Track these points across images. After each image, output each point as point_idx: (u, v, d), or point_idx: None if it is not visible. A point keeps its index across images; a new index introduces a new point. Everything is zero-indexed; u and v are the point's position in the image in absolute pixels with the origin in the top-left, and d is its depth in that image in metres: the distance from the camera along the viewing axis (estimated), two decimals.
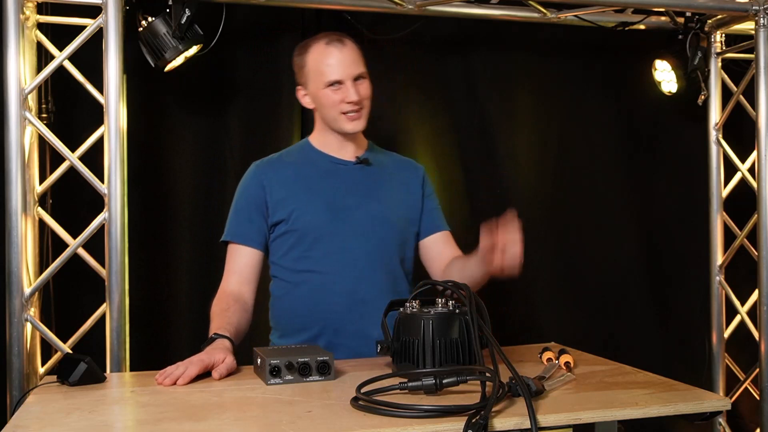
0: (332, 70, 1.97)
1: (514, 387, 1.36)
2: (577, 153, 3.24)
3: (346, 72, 1.96)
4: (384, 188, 2.09)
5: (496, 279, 3.34)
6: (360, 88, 1.98)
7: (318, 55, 2.00)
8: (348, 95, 1.96)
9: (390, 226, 2.06)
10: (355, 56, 2.00)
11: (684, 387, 1.50)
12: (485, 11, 2.90)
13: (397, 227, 2.07)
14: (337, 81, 1.97)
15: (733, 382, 3.20)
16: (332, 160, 2.07)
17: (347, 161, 2.07)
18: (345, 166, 2.07)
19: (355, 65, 1.98)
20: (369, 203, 2.04)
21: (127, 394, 1.57)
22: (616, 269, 3.27)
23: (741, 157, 3.18)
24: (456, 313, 1.57)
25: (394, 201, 2.09)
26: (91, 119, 2.48)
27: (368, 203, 2.04)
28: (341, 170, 2.06)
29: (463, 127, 3.11)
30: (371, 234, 2.02)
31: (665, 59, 3.09)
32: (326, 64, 1.97)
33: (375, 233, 2.02)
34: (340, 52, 1.97)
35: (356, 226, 2.01)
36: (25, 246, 2.38)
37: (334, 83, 1.97)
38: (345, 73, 1.96)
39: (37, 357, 2.48)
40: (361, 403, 1.34)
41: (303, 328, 2.00)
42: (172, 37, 2.48)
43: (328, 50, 1.98)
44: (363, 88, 1.99)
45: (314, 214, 2.00)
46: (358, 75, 1.98)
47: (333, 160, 2.07)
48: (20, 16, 2.37)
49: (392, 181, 2.12)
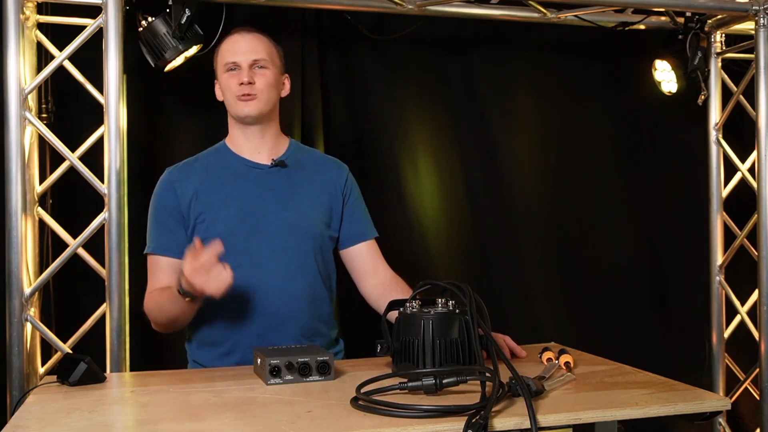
0: (230, 54, 1.97)
1: (514, 387, 1.36)
2: (577, 153, 3.24)
3: (243, 57, 1.95)
4: (302, 193, 2.00)
5: (496, 279, 3.31)
6: (257, 74, 1.95)
7: (225, 43, 2.01)
8: (240, 77, 1.94)
9: (306, 234, 1.97)
10: (256, 44, 1.97)
11: (684, 387, 1.50)
12: (485, 11, 2.90)
13: (313, 234, 1.98)
14: (234, 63, 1.95)
15: (733, 382, 3.20)
16: (246, 163, 2.00)
17: (262, 164, 1.99)
18: (260, 170, 1.99)
19: (253, 51, 1.96)
20: (284, 210, 1.96)
21: (127, 394, 1.56)
22: (616, 269, 3.27)
23: (741, 157, 3.18)
24: (456, 313, 1.57)
25: (312, 206, 2.00)
26: (91, 119, 2.48)
27: (283, 210, 1.96)
28: (255, 174, 1.98)
29: (463, 127, 3.11)
30: (286, 244, 1.94)
31: (665, 59, 3.09)
32: (227, 49, 1.98)
33: (290, 241, 1.94)
34: (242, 38, 1.98)
35: (270, 235, 1.93)
36: (25, 246, 2.38)
37: (232, 67, 1.96)
38: (241, 58, 1.95)
39: (37, 357, 2.48)
40: (361, 403, 1.34)
41: (216, 343, 1.94)
42: (172, 37, 2.48)
43: (233, 38, 1.99)
44: (260, 75, 1.95)
45: (225, 225, 1.92)
46: (256, 60, 1.95)
47: (247, 163, 2.00)
48: (20, 16, 2.37)
49: (311, 184, 2.03)
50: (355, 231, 2.07)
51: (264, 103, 1.96)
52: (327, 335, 2.04)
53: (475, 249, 3.10)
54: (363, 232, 2.08)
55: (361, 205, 2.11)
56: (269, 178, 1.99)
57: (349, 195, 2.08)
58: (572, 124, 3.23)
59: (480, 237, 3.11)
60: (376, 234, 2.11)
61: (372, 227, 2.11)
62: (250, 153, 2.01)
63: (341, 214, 2.06)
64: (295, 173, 2.02)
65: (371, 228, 2.10)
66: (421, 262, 3.02)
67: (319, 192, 2.03)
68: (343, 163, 2.13)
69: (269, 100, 1.98)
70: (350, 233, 2.07)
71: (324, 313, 2.02)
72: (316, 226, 2.00)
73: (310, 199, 2.01)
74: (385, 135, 3.02)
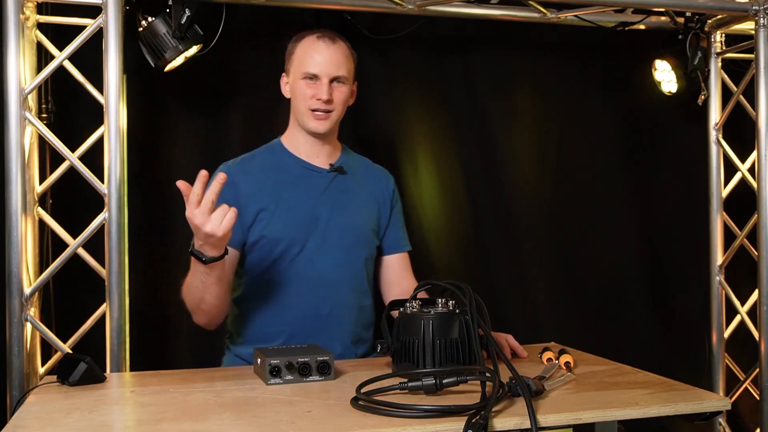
0: (312, 63, 1.94)
1: (514, 387, 1.36)
2: (577, 153, 3.24)
3: (325, 69, 1.93)
4: (356, 198, 2.03)
5: (496, 279, 3.31)
6: (335, 90, 1.94)
7: (306, 46, 1.97)
8: (319, 92, 1.92)
9: (359, 238, 2.01)
10: (340, 58, 1.95)
11: (684, 387, 1.50)
12: (485, 11, 2.90)
13: (365, 240, 2.02)
14: (314, 75, 1.94)
15: (733, 382, 3.20)
16: (305, 165, 2.01)
17: (321, 168, 2.02)
18: (318, 174, 2.01)
19: (337, 66, 1.94)
20: (340, 214, 1.98)
21: (127, 394, 1.57)
22: (615, 269, 3.27)
23: (741, 157, 3.18)
24: (456, 313, 1.57)
25: (364, 212, 2.04)
26: (91, 119, 2.48)
27: (339, 214, 1.98)
28: (314, 177, 2.01)
29: (463, 127, 3.11)
30: (339, 246, 1.97)
31: (665, 59, 3.09)
32: (309, 56, 1.95)
33: (343, 245, 1.97)
34: (327, 49, 1.95)
35: (325, 237, 1.96)
36: (25, 246, 2.38)
37: (311, 77, 1.94)
38: (323, 70, 1.93)
39: (37, 357, 2.48)
40: (361, 403, 1.34)
41: (267, 339, 1.95)
42: (172, 37, 2.48)
43: (317, 44, 1.96)
44: (338, 92, 1.95)
45: (283, 224, 1.94)
46: (337, 77, 1.94)
47: (306, 165, 2.01)
48: (20, 16, 2.37)
49: (364, 191, 2.07)
50: (392, 241, 2.11)
51: (336, 120, 1.99)
52: (369, 341, 2.08)
53: (475, 249, 3.10)
54: (399, 245, 2.13)
55: (402, 217, 2.16)
56: (326, 182, 2.01)
57: (394, 206, 2.13)
58: (572, 124, 3.23)
59: (480, 237, 3.10)
60: (410, 247, 2.16)
61: (407, 240, 2.16)
62: (308, 155, 2.03)
63: (387, 224, 2.10)
64: (350, 179, 2.05)
65: (406, 241, 2.15)
66: (421, 261, 3.02)
67: (370, 199, 2.08)
68: (390, 174, 2.18)
69: (340, 116, 2.00)
70: (387, 242, 2.11)
71: (367, 321, 2.07)
72: (367, 234, 2.04)
73: (362, 206, 2.05)
74: (385, 135, 3.02)
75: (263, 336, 1.97)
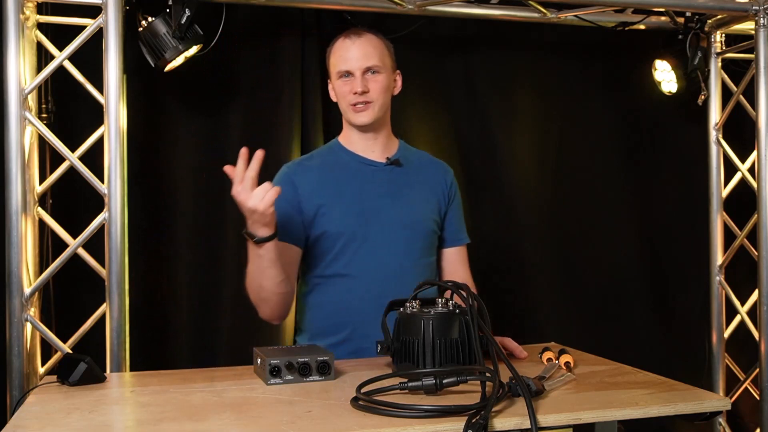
0: (342, 62, 1.98)
1: (514, 387, 1.36)
2: (577, 153, 3.24)
3: (356, 63, 1.96)
4: (414, 190, 2.06)
5: (496, 279, 3.32)
6: (370, 81, 1.97)
7: (336, 47, 2.02)
8: (354, 86, 1.96)
9: (419, 229, 2.04)
10: (368, 49, 1.98)
11: (684, 387, 1.50)
12: (485, 11, 2.90)
13: (425, 231, 2.05)
14: (347, 71, 1.97)
15: (733, 382, 3.20)
16: (362, 160, 2.05)
17: (377, 162, 2.05)
18: (375, 167, 2.04)
19: (366, 58, 1.97)
20: (399, 206, 2.02)
21: (127, 394, 1.56)
22: (616, 269, 3.27)
23: (741, 157, 3.18)
24: (456, 313, 1.57)
25: (423, 203, 2.07)
26: (91, 119, 2.48)
27: (398, 206, 2.02)
28: (371, 171, 2.04)
29: (463, 127, 3.11)
30: (400, 238, 2.00)
31: (665, 59, 3.09)
32: (339, 56, 1.99)
33: (404, 237, 2.00)
34: (353, 44, 1.98)
35: (386, 229, 1.99)
36: (25, 246, 2.38)
37: (345, 74, 1.98)
38: (354, 65, 1.96)
39: (37, 357, 2.48)
40: (361, 403, 1.34)
41: (331, 332, 1.98)
42: (172, 37, 2.48)
43: (344, 43, 2.00)
44: (374, 82, 1.97)
45: (343, 218, 1.97)
46: (369, 67, 1.97)
47: (363, 160, 2.05)
48: (20, 16, 2.37)
49: (422, 183, 2.10)
50: (450, 234, 2.13)
51: (378, 109, 2.00)
52: None
53: (476, 249, 3.09)
54: (458, 237, 2.15)
55: (461, 210, 2.17)
56: (384, 175, 2.04)
57: (453, 197, 2.15)
58: (572, 124, 3.23)
59: (480, 237, 3.10)
60: (468, 240, 2.17)
61: (465, 233, 2.18)
62: (364, 151, 2.05)
63: (446, 215, 2.12)
64: (408, 172, 2.08)
65: (464, 234, 2.17)
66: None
67: (429, 191, 2.10)
68: (449, 166, 2.19)
69: (383, 106, 2.01)
70: (447, 235, 2.13)
71: None
72: (429, 225, 2.06)
73: (423, 197, 2.07)
74: None
75: (328, 329, 1.99)
